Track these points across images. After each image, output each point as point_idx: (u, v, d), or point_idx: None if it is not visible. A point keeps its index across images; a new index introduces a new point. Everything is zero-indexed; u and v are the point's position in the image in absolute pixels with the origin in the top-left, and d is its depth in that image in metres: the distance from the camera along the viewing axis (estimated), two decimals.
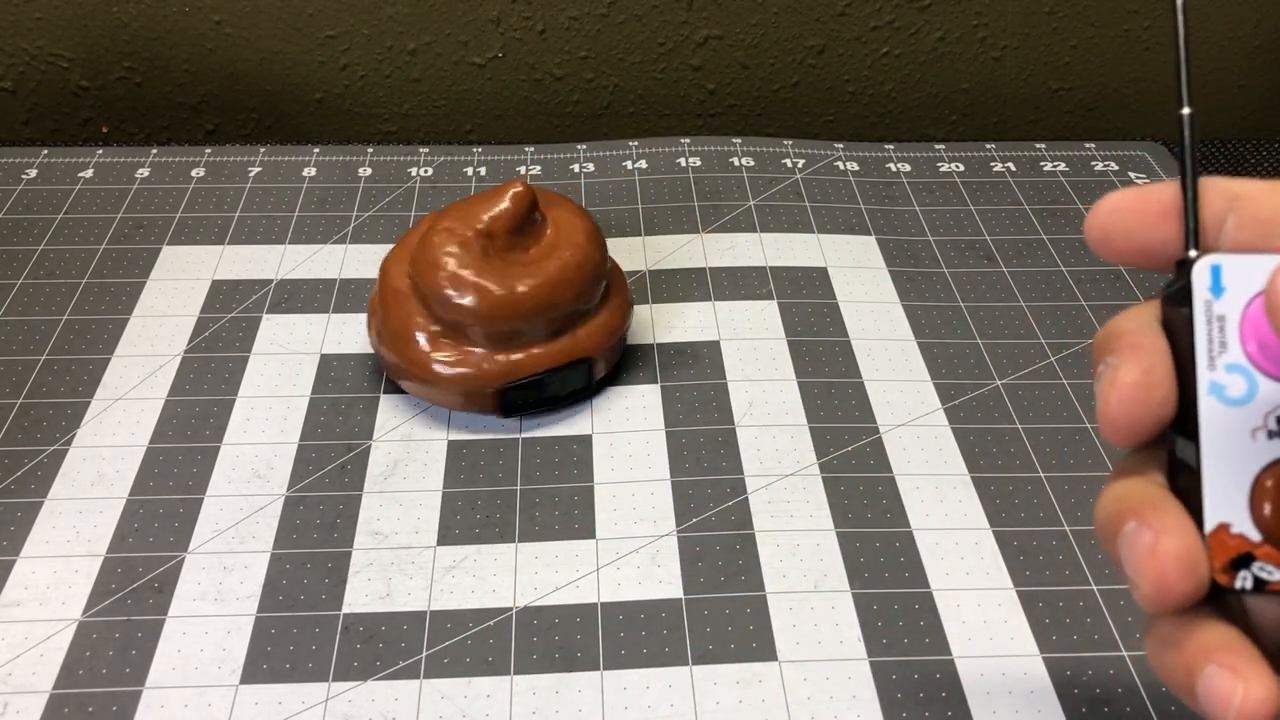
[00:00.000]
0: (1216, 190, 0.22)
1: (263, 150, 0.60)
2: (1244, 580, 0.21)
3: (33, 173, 0.58)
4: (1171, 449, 0.23)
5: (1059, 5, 0.67)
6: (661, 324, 0.49)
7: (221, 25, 0.65)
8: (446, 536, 0.40)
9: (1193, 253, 0.22)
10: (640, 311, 0.50)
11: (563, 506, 0.41)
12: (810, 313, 0.50)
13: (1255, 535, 0.21)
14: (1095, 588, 0.39)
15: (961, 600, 0.38)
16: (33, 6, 0.64)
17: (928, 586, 0.39)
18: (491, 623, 0.37)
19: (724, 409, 0.45)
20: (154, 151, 0.60)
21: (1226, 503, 0.21)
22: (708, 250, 0.53)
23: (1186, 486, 0.22)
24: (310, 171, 0.58)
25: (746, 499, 0.42)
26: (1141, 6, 0.67)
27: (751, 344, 0.48)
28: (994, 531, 0.41)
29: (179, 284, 0.51)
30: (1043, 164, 0.60)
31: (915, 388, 0.46)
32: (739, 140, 0.61)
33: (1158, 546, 0.21)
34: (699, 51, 0.68)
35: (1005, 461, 0.43)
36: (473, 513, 0.41)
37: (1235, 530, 0.21)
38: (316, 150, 0.60)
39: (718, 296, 0.51)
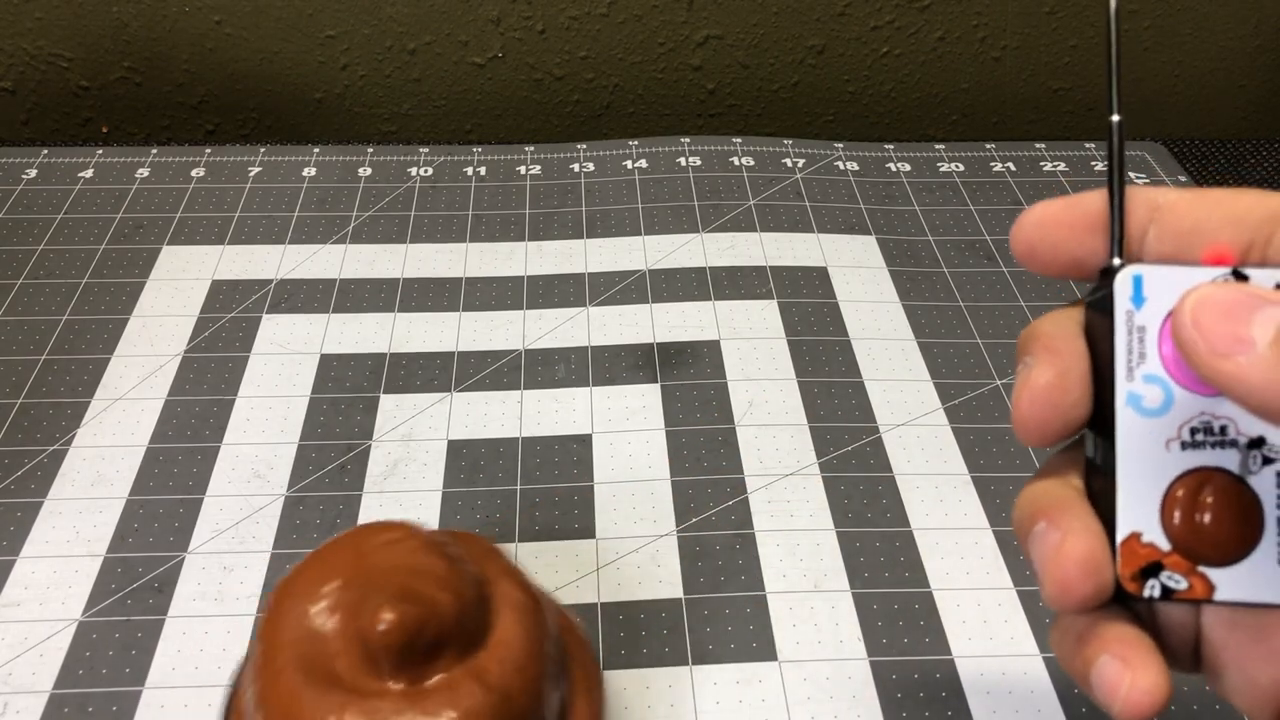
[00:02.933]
0: (1140, 200, 0.22)
1: (263, 150, 0.60)
2: (1152, 589, 0.22)
3: (33, 173, 0.58)
4: (1089, 454, 0.23)
5: (1059, 5, 0.67)
6: (661, 324, 0.49)
7: (221, 25, 0.65)
8: None
9: (1117, 261, 0.22)
10: (640, 311, 0.50)
11: (563, 506, 0.41)
12: (810, 313, 0.50)
13: (1165, 545, 0.22)
14: None
15: (961, 600, 0.38)
16: (33, 6, 0.64)
17: (928, 586, 0.39)
18: None
19: (724, 409, 0.45)
20: (154, 151, 0.60)
21: (1139, 512, 0.22)
22: (708, 250, 0.53)
23: (1101, 491, 0.22)
24: (310, 171, 0.58)
25: (746, 499, 0.42)
26: (1141, 6, 0.67)
27: (751, 344, 0.48)
28: (994, 531, 0.41)
29: (179, 284, 0.51)
30: (1043, 164, 0.60)
31: (915, 388, 0.46)
32: (739, 140, 0.61)
33: (1062, 548, 0.21)
34: (699, 51, 0.68)
35: (1005, 461, 0.43)
36: (473, 513, 0.41)
37: (1146, 539, 0.22)
38: (316, 150, 0.60)
39: (718, 296, 0.51)
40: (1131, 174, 0.59)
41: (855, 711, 0.35)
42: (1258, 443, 0.21)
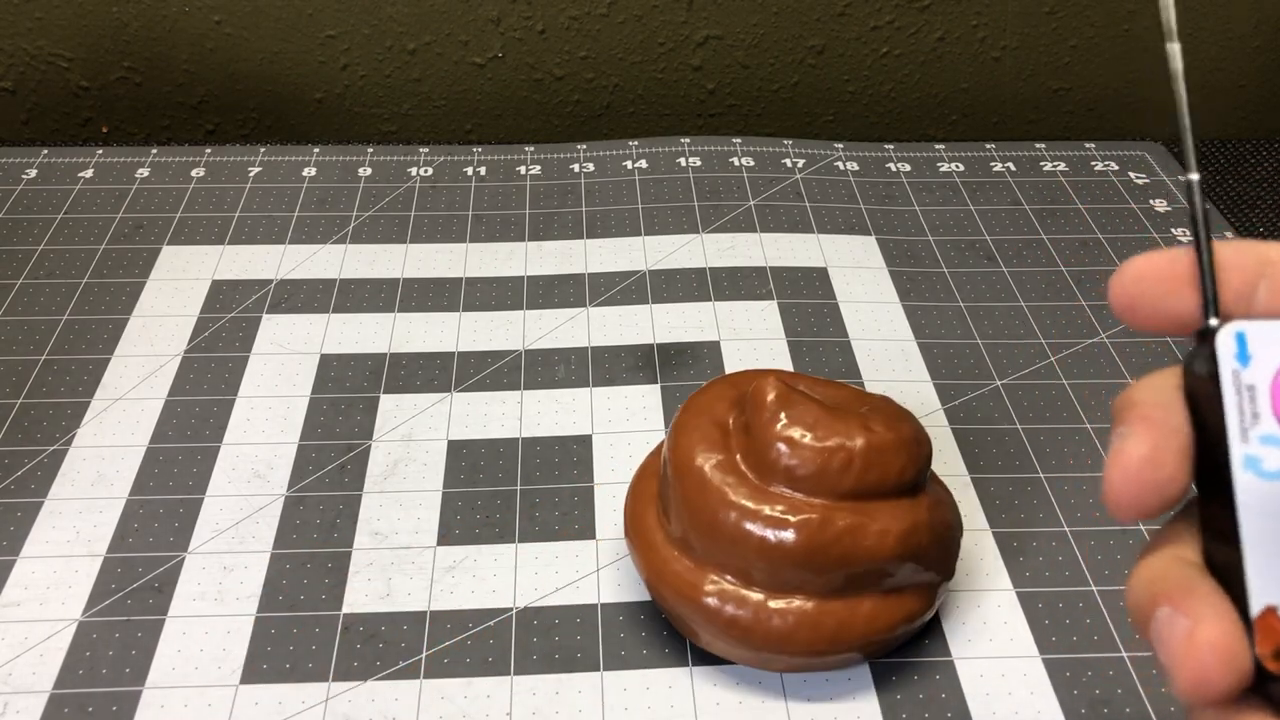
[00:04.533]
0: (1248, 255, 0.21)
1: (263, 150, 0.60)
2: None
3: (33, 173, 0.58)
4: (1206, 524, 0.22)
5: (1059, 5, 0.67)
6: (661, 324, 0.49)
7: (221, 25, 0.65)
8: (446, 536, 0.40)
9: (1213, 321, 0.21)
10: (640, 312, 0.50)
11: (563, 506, 0.41)
12: (810, 313, 0.50)
13: None
14: (1095, 588, 0.39)
15: (961, 601, 0.38)
16: (33, 6, 0.64)
17: None
18: (491, 623, 0.37)
19: None
20: (154, 151, 0.60)
21: (1272, 583, 0.20)
22: (708, 250, 0.53)
23: (1225, 564, 0.21)
24: (310, 171, 0.58)
25: None
26: (1141, 6, 0.67)
27: (752, 344, 0.48)
28: (994, 533, 0.41)
29: (179, 284, 0.51)
30: (1043, 164, 0.60)
31: (915, 388, 0.46)
32: (739, 140, 0.61)
33: (1195, 636, 0.20)
34: (699, 51, 0.68)
35: (1005, 462, 0.43)
36: (473, 513, 0.41)
37: None
38: (316, 150, 0.60)
39: (718, 296, 0.51)
40: (1131, 174, 0.59)
41: (855, 712, 0.35)
42: None
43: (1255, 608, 0.20)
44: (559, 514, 0.41)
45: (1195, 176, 0.22)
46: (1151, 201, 0.57)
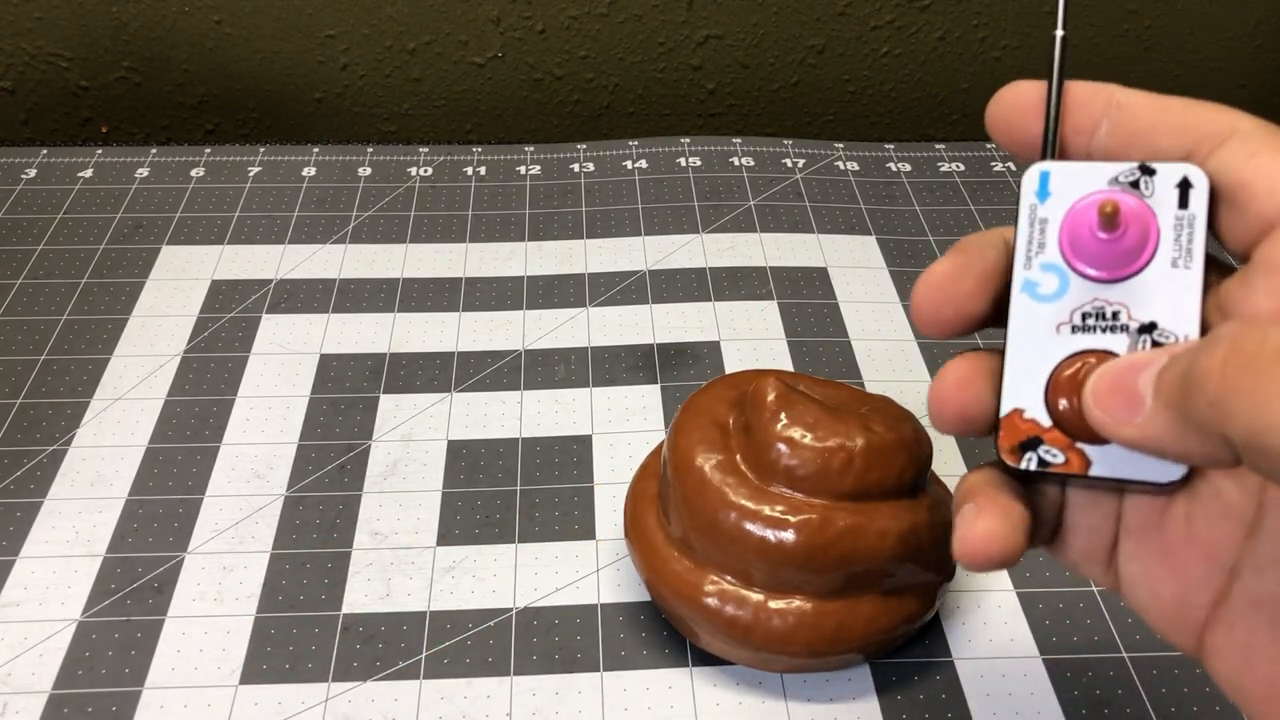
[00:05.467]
0: (1100, 95, 0.23)
1: (262, 150, 0.60)
2: (1030, 461, 0.23)
3: (32, 172, 0.58)
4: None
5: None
6: (661, 324, 0.49)
7: (221, 25, 0.65)
8: (446, 536, 0.40)
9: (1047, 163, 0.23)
10: (640, 312, 0.50)
11: (563, 506, 0.41)
12: (810, 313, 0.50)
13: (1046, 421, 0.23)
14: (1095, 589, 0.39)
15: (961, 601, 0.38)
16: (32, 6, 0.64)
17: None
18: (491, 623, 0.37)
19: None
20: (154, 151, 0.60)
21: (1023, 390, 0.23)
22: (708, 251, 0.53)
23: (999, 375, 0.23)
24: (310, 171, 0.58)
25: None
26: (1141, 6, 0.67)
27: (752, 344, 0.48)
28: None
29: (178, 284, 0.51)
30: None
31: (915, 388, 0.46)
32: (739, 140, 0.61)
33: (977, 522, 0.22)
34: (699, 51, 0.68)
35: None
36: (473, 513, 0.41)
37: (1028, 415, 0.23)
38: (316, 150, 0.60)
39: (718, 297, 0.51)
40: None
41: (855, 712, 0.35)
42: (1149, 327, 0.22)
43: (1005, 409, 0.23)
44: (559, 514, 0.41)
45: (1061, 33, 0.24)
46: None
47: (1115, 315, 0.22)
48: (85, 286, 0.51)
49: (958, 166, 0.60)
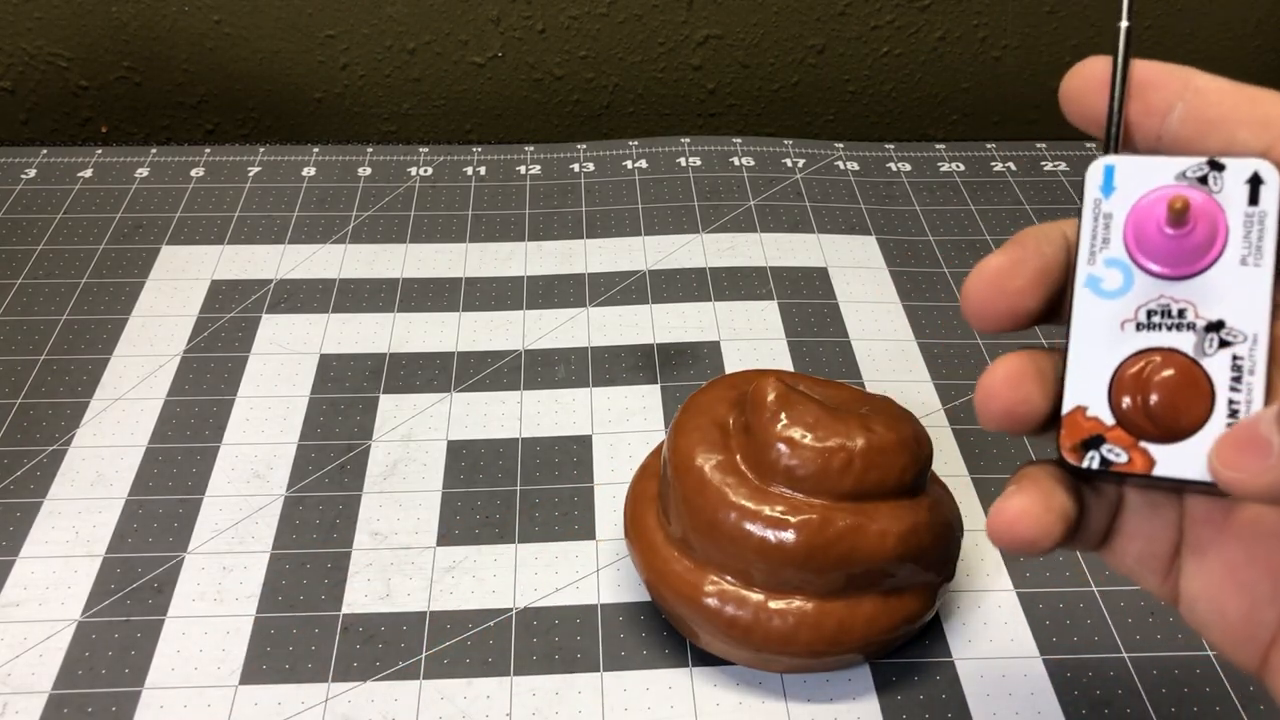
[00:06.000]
0: (1176, 77, 0.22)
1: (262, 150, 0.60)
2: (1092, 460, 0.22)
3: (32, 172, 0.58)
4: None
5: (1059, 5, 0.67)
6: (661, 324, 0.49)
7: (221, 25, 0.65)
8: (446, 536, 0.40)
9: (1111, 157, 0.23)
10: (640, 312, 0.50)
11: (563, 507, 0.41)
12: (810, 313, 0.50)
13: (1109, 420, 0.22)
14: (1095, 588, 0.39)
15: (961, 601, 0.38)
16: (32, 6, 0.64)
17: None
18: (491, 623, 0.37)
19: None
20: (153, 151, 0.60)
21: (1086, 387, 0.22)
22: (708, 250, 0.53)
23: (1059, 373, 0.23)
24: (310, 171, 0.58)
25: None
26: (1141, 6, 0.67)
27: (752, 345, 0.48)
28: None
29: (178, 284, 0.51)
30: (1043, 164, 0.60)
31: (915, 388, 0.46)
32: (739, 140, 0.61)
33: (1009, 500, 0.22)
34: (699, 51, 0.67)
35: (1005, 462, 0.43)
36: (473, 513, 0.41)
37: (1091, 413, 0.22)
38: (316, 150, 0.60)
39: (718, 296, 0.51)
40: None
41: (855, 713, 0.35)
42: (1216, 326, 0.22)
43: (1067, 406, 0.22)
44: (559, 514, 0.41)
45: (1126, 24, 0.23)
46: None
47: (1182, 313, 0.22)
48: (85, 286, 0.51)
49: (958, 166, 0.60)
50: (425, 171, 0.59)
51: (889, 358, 0.48)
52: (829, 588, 0.33)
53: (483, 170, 0.59)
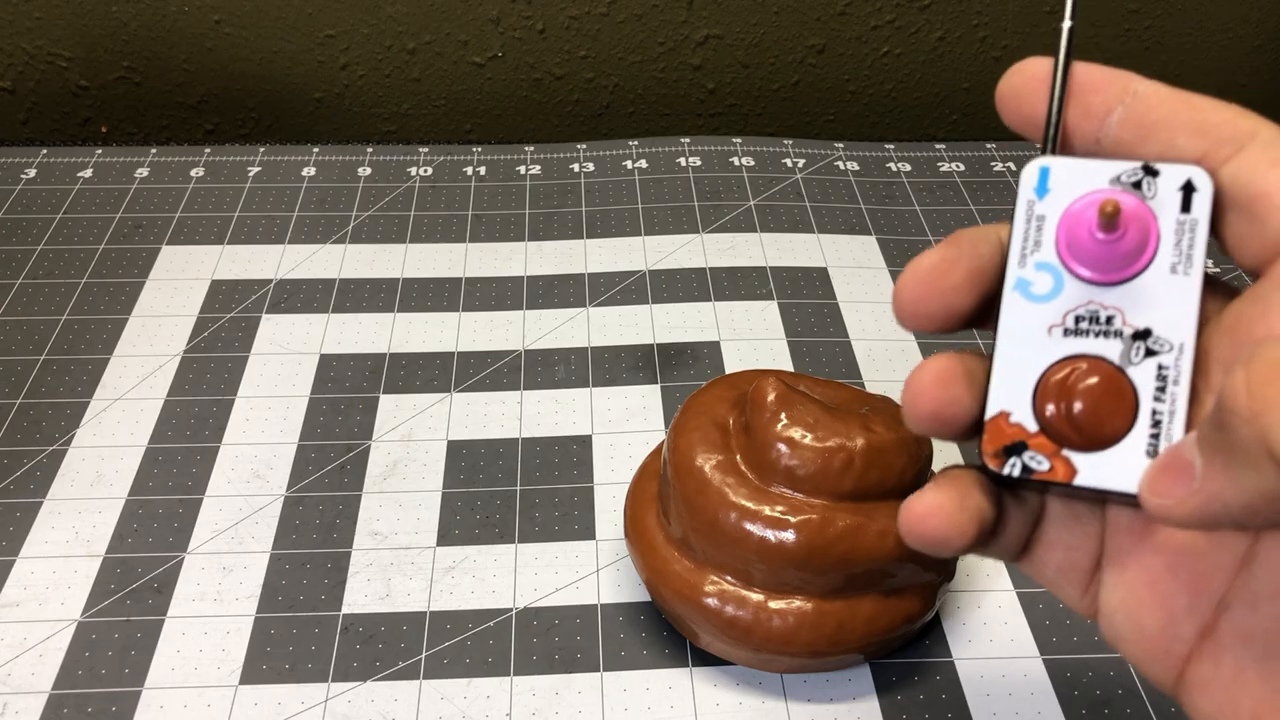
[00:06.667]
0: (1116, 81, 0.22)
1: (262, 150, 0.60)
2: (1013, 467, 0.22)
3: (32, 172, 0.58)
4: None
5: (1059, 5, 0.67)
6: (661, 324, 0.49)
7: (220, 25, 0.65)
8: (446, 537, 0.40)
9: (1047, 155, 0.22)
10: (640, 312, 0.50)
11: (563, 507, 0.41)
12: (810, 313, 0.50)
13: (1032, 426, 0.22)
14: None
15: (961, 601, 0.38)
16: (32, 6, 0.64)
17: None
18: (491, 623, 0.37)
19: None
20: (153, 151, 0.60)
21: (1011, 392, 0.22)
22: (708, 250, 0.53)
23: (985, 375, 0.23)
24: (310, 171, 0.58)
25: None
26: (1142, 6, 0.67)
27: (752, 345, 0.48)
28: None
29: (178, 284, 0.51)
30: None
31: None
32: (739, 140, 0.61)
33: (919, 500, 0.22)
34: (699, 51, 0.67)
35: None
36: (473, 513, 0.41)
37: (1014, 419, 0.22)
38: (316, 150, 0.60)
39: (718, 296, 0.51)
40: None
41: (855, 713, 0.35)
42: (1143, 334, 0.21)
43: (990, 411, 0.22)
44: (559, 514, 0.41)
45: (1069, 24, 0.23)
46: None
47: (1110, 320, 0.22)
48: (85, 286, 0.51)
49: (958, 166, 0.60)
50: (425, 171, 0.59)
51: (889, 358, 0.48)
52: (829, 588, 0.33)
53: (483, 170, 0.59)
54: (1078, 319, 0.22)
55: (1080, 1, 0.23)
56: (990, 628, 0.37)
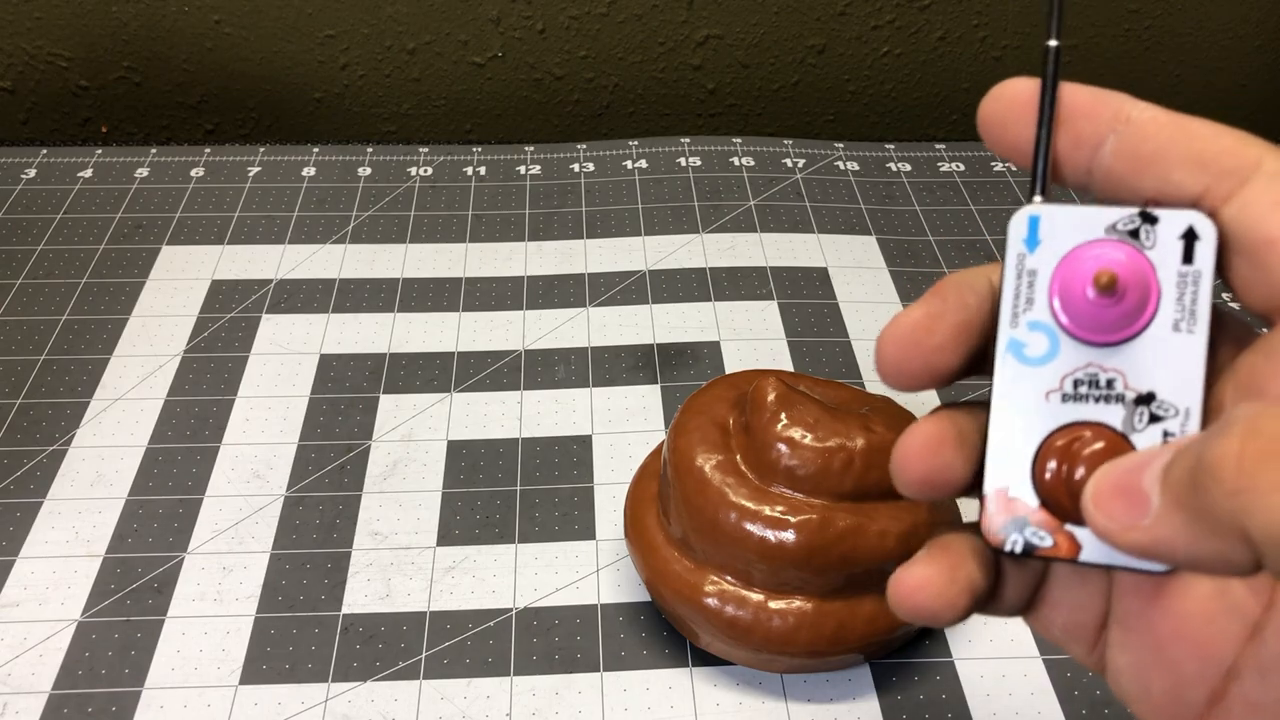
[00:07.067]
0: (1108, 105, 0.20)
1: (262, 150, 0.60)
2: (1015, 544, 0.21)
3: (32, 172, 0.58)
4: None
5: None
6: (661, 324, 0.49)
7: (221, 25, 0.65)
8: (446, 537, 0.40)
9: (1037, 198, 0.21)
10: (640, 312, 0.50)
11: (563, 507, 0.41)
12: (810, 313, 0.50)
13: (1033, 501, 0.21)
14: None
15: None
16: (32, 6, 0.64)
17: None
18: (491, 623, 0.37)
19: None
20: (153, 151, 0.60)
21: (1009, 465, 0.21)
22: (708, 250, 0.53)
23: (982, 443, 0.21)
24: (310, 171, 0.58)
25: None
26: (1142, 6, 0.67)
27: (752, 345, 0.48)
28: None
29: (178, 284, 0.51)
30: None
31: None
32: (739, 140, 0.61)
33: (909, 573, 0.21)
34: (699, 51, 0.67)
35: None
36: (473, 513, 0.41)
37: (1013, 494, 0.21)
38: (316, 150, 0.60)
39: (718, 297, 0.51)
40: None
41: (855, 713, 0.35)
42: (1146, 399, 0.20)
43: (989, 487, 0.21)
44: (559, 514, 0.41)
45: (1055, 43, 0.21)
46: None
47: (1110, 383, 0.20)
48: (85, 286, 0.51)
49: (958, 166, 0.60)
50: (425, 171, 0.59)
51: None
52: (829, 588, 0.33)
53: (483, 170, 0.59)
54: (1076, 383, 0.20)
55: (1069, 13, 0.21)
56: (990, 628, 0.37)
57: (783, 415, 0.34)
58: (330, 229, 0.54)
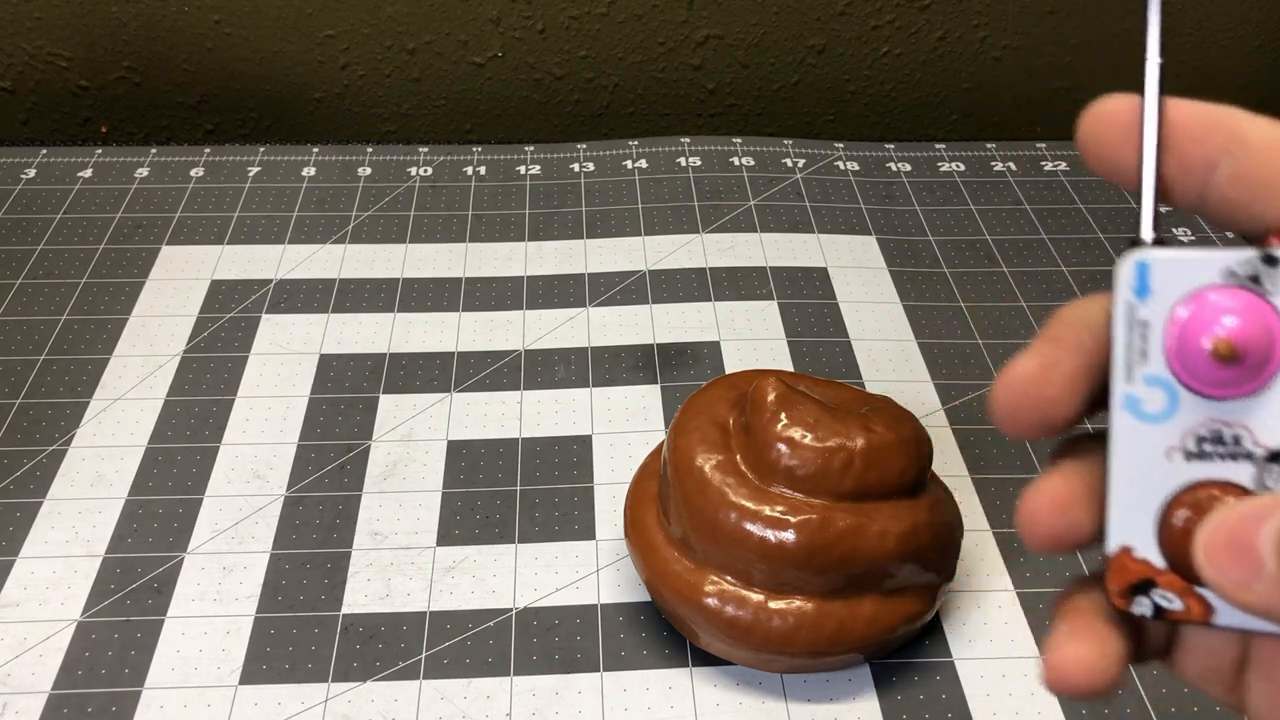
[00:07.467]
0: (1220, 126, 0.19)
1: (262, 150, 0.60)
2: (1142, 607, 0.20)
3: (32, 172, 0.58)
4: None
5: (1059, 5, 0.67)
6: (661, 324, 0.49)
7: (221, 25, 0.65)
8: (446, 537, 0.40)
9: (1148, 234, 0.19)
10: (640, 312, 0.50)
11: (563, 507, 0.41)
12: (810, 313, 0.50)
13: (1159, 562, 0.20)
14: None
15: (961, 601, 0.38)
16: (32, 6, 0.64)
17: None
18: (491, 623, 0.37)
19: None
20: (153, 151, 0.60)
21: (1132, 525, 0.20)
22: (708, 250, 0.53)
23: (1103, 499, 0.21)
24: (310, 171, 0.58)
25: None
26: (1142, 6, 0.67)
27: (752, 345, 0.48)
28: (994, 533, 0.40)
29: (178, 284, 0.51)
30: (1043, 164, 0.60)
31: (915, 388, 0.46)
32: (739, 140, 0.61)
33: (1063, 649, 0.20)
34: (699, 51, 0.67)
35: (1006, 463, 0.43)
36: (473, 513, 0.41)
37: (1138, 555, 0.20)
38: (316, 150, 0.60)
39: (718, 297, 0.51)
40: None
41: (855, 713, 0.35)
42: (1278, 456, 0.19)
43: (1111, 547, 0.20)
44: (559, 514, 0.41)
45: (1159, 60, 0.20)
46: None
47: (1237, 439, 0.19)
48: (85, 286, 0.51)
49: (958, 166, 0.60)
50: (425, 171, 0.59)
51: (889, 358, 0.48)
52: (829, 588, 0.33)
53: (483, 170, 0.59)
54: (1199, 439, 0.19)
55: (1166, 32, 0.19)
56: (990, 628, 0.37)
57: (783, 415, 0.34)
58: (330, 229, 0.54)
